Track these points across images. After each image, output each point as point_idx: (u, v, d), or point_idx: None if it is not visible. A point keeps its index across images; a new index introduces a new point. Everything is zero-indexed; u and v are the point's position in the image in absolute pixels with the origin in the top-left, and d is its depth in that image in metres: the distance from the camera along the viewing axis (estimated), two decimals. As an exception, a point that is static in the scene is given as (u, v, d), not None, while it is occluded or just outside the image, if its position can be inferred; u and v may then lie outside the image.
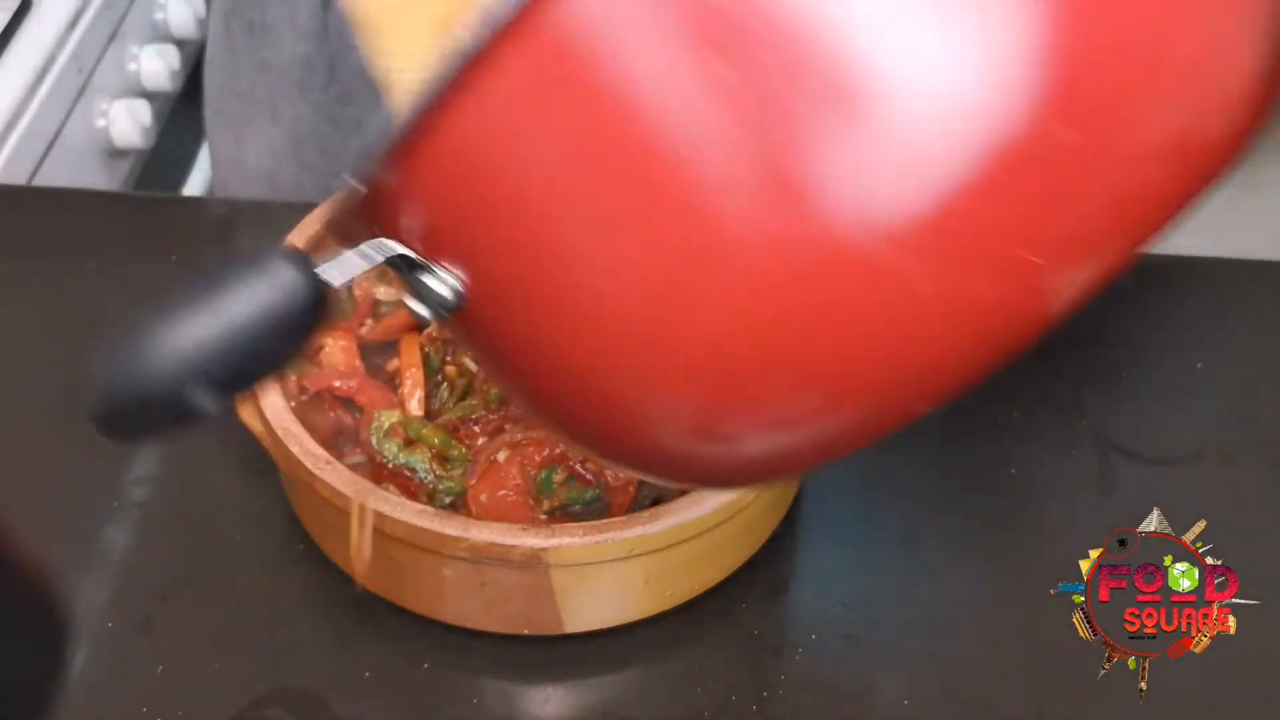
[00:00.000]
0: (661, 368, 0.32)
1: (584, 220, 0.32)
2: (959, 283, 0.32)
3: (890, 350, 0.33)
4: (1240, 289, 0.74)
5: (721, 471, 0.38)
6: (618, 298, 0.32)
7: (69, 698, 0.54)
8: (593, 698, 0.55)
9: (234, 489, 0.62)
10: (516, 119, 0.31)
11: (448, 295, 0.34)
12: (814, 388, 0.34)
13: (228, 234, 0.75)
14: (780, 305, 0.31)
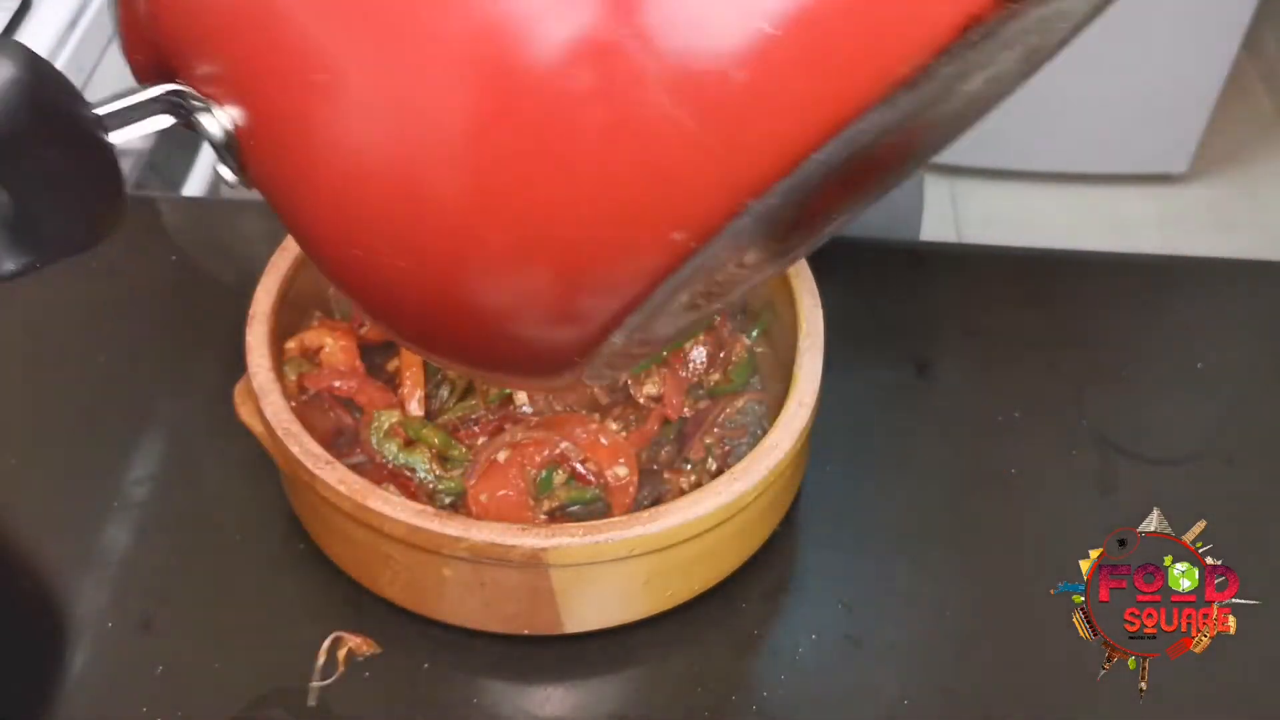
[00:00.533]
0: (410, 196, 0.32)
1: (337, 37, 0.31)
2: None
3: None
4: (1240, 289, 0.74)
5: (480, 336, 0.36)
6: (362, 119, 0.31)
7: (69, 698, 0.54)
8: (593, 698, 0.55)
9: (234, 489, 0.62)
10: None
11: (219, 133, 0.33)
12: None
13: (228, 234, 0.75)
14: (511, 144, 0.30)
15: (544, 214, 0.31)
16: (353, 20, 0.31)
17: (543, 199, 0.31)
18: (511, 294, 0.33)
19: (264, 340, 0.57)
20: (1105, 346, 0.70)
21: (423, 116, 0.30)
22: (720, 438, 0.60)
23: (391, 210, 0.32)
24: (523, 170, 0.30)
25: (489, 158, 0.30)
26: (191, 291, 0.71)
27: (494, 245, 0.32)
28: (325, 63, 0.31)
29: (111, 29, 0.37)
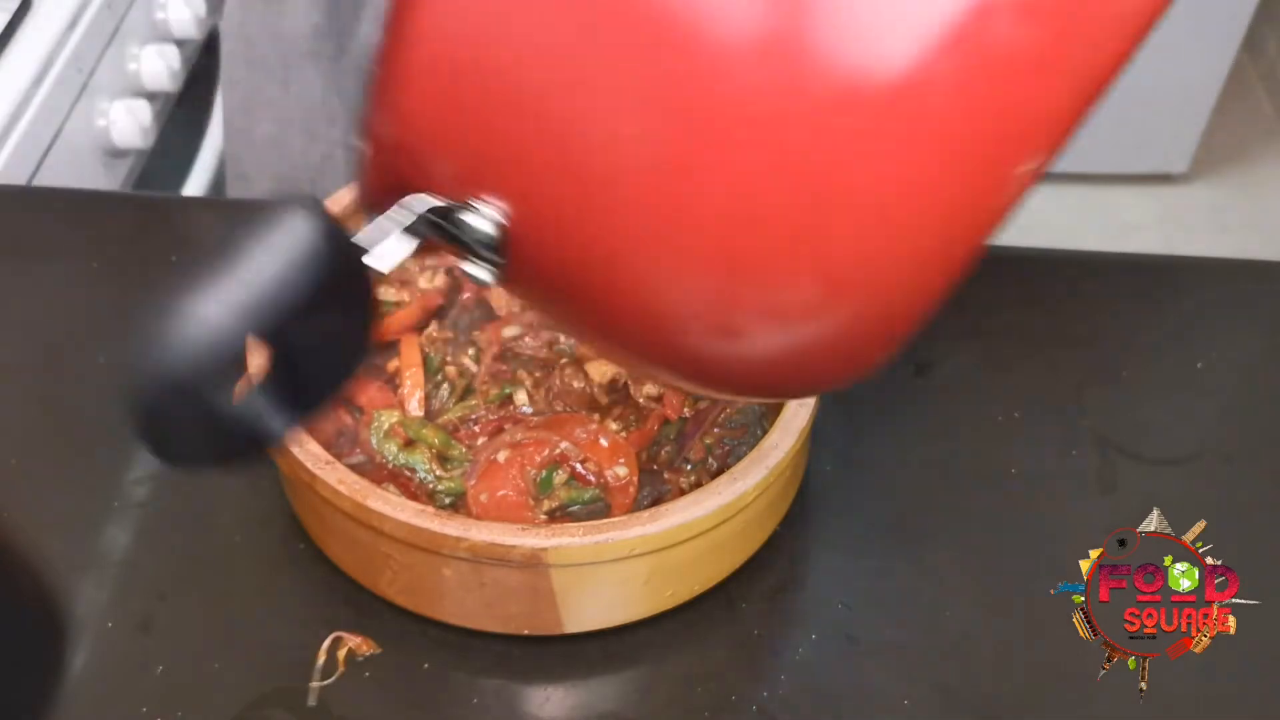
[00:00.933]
0: (689, 243, 0.31)
1: (587, 98, 0.30)
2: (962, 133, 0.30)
3: (896, 215, 0.31)
4: (1240, 289, 0.74)
5: (762, 372, 0.35)
6: (635, 174, 0.30)
7: (69, 698, 0.54)
8: (593, 698, 0.55)
9: (234, 489, 0.62)
10: (492, 8, 0.30)
11: (490, 229, 0.32)
12: (820, 265, 0.31)
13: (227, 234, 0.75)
14: (785, 164, 0.29)
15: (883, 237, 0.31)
16: (635, 91, 0.30)
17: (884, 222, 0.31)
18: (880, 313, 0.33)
19: (264, 340, 0.57)
20: (1105, 346, 0.70)
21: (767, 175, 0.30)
22: (720, 438, 0.60)
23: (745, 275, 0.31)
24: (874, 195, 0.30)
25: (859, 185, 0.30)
26: (191, 291, 0.71)
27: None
28: (624, 142, 0.30)
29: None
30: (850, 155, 0.29)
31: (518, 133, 0.31)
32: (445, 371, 0.61)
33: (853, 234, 0.31)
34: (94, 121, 1.01)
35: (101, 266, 0.72)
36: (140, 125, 1.03)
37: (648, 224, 0.31)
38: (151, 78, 1.08)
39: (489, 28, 0.30)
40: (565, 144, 0.31)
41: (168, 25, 1.11)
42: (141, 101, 1.04)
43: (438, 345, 0.61)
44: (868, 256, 0.31)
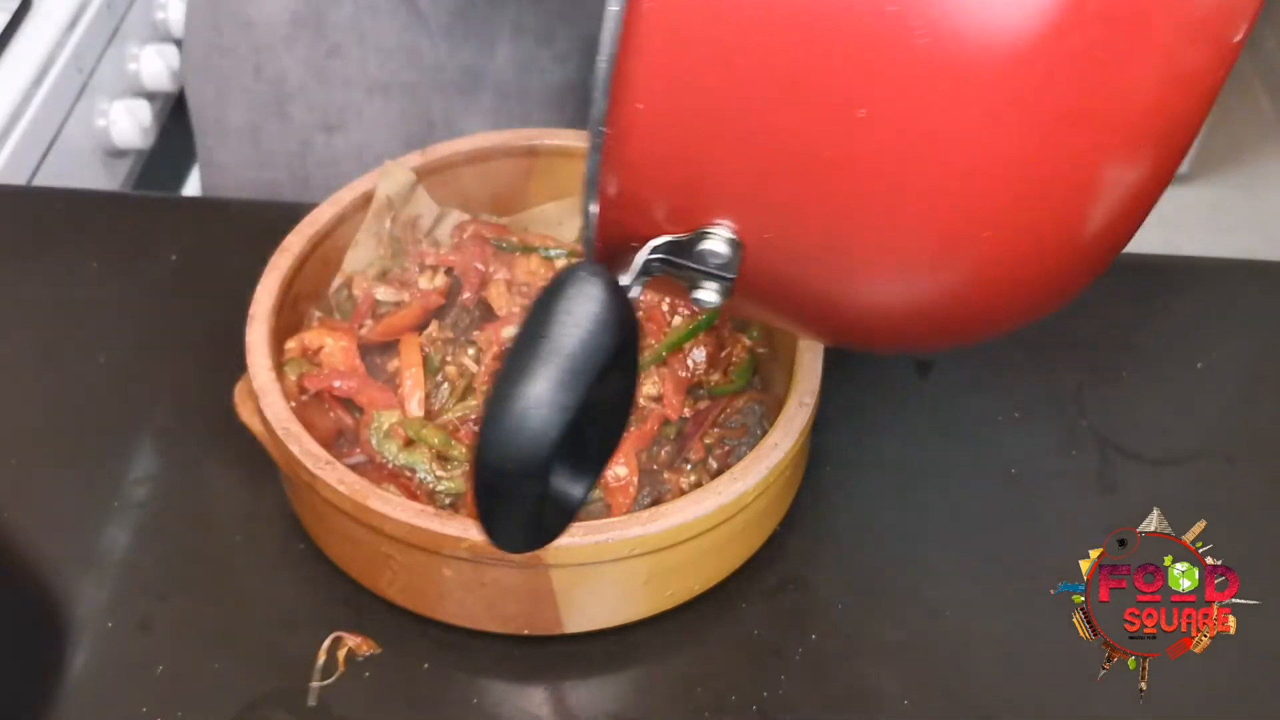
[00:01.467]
0: (907, 216, 0.33)
1: (806, 110, 0.32)
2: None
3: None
4: (1240, 289, 0.74)
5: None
6: (850, 165, 0.33)
7: (69, 698, 0.54)
8: (593, 698, 0.55)
9: (234, 489, 0.62)
10: (711, 46, 0.32)
11: (727, 249, 0.34)
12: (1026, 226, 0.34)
13: (228, 234, 0.75)
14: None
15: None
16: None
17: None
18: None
19: (264, 340, 0.57)
20: (1105, 346, 0.70)
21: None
22: (720, 438, 0.60)
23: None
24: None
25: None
26: (191, 291, 0.71)
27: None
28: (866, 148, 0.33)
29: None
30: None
31: (741, 158, 0.33)
32: (445, 371, 0.61)
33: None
34: (94, 121, 1.01)
35: (101, 266, 0.72)
36: (140, 125, 1.03)
37: (867, 207, 0.33)
38: (151, 78, 1.08)
39: (708, 77, 0.32)
40: (786, 156, 0.33)
41: (168, 25, 1.11)
42: (141, 101, 1.04)
43: (438, 345, 0.61)
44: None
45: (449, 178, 0.66)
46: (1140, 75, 0.33)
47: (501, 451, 0.31)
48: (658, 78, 0.32)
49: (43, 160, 0.94)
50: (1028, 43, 0.31)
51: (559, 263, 0.65)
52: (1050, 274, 0.36)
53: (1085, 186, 0.34)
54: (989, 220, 0.34)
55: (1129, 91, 0.33)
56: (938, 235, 0.34)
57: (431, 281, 0.64)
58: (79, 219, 0.76)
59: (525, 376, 0.31)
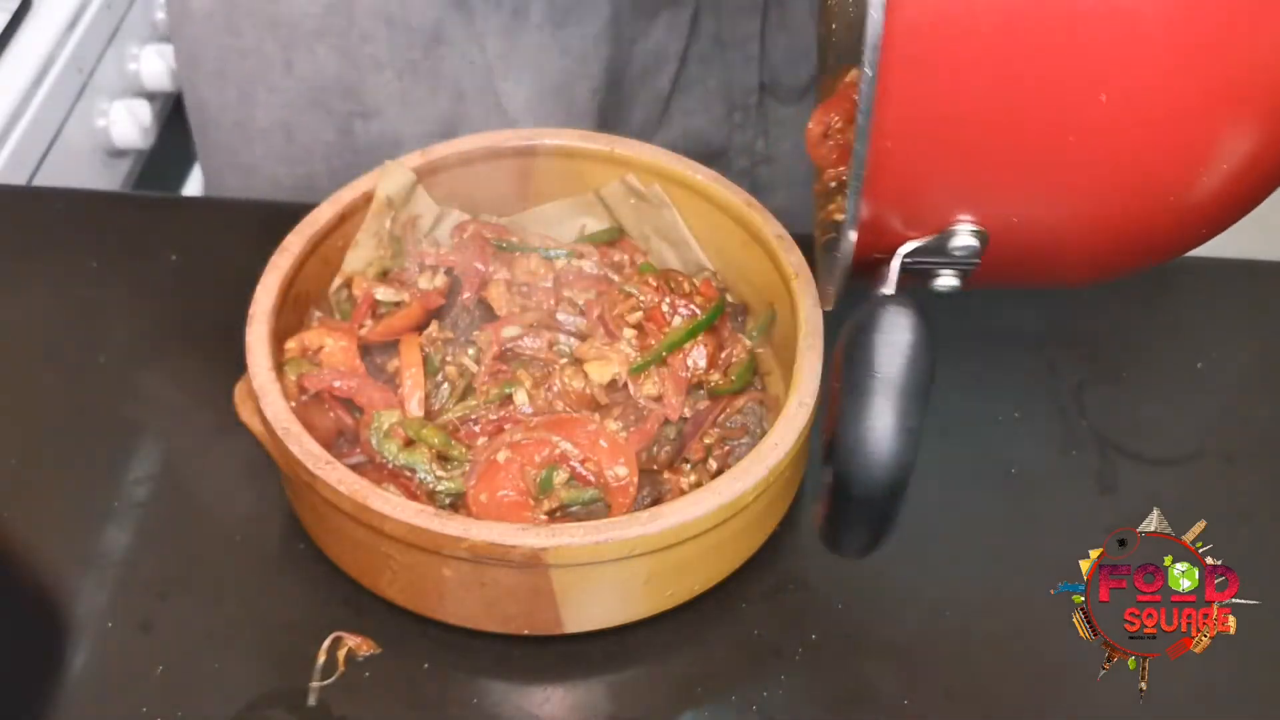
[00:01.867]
0: (1119, 176, 0.38)
1: (1053, 97, 0.36)
2: None
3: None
4: (1240, 289, 0.74)
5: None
6: (1076, 139, 0.37)
7: (69, 698, 0.54)
8: (593, 698, 0.55)
9: (234, 489, 0.62)
10: (956, 72, 0.36)
11: (974, 242, 0.38)
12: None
13: (228, 234, 0.75)
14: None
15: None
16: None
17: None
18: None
19: (264, 340, 0.57)
20: (1105, 346, 0.70)
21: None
22: (720, 438, 0.60)
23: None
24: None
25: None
26: (191, 291, 0.71)
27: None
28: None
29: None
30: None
31: (985, 162, 0.38)
32: (445, 371, 0.61)
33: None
34: (94, 121, 1.01)
35: (101, 266, 0.72)
36: (140, 125, 1.03)
37: (1095, 171, 0.38)
38: (151, 78, 1.08)
39: (950, 103, 0.37)
40: (1026, 150, 0.37)
41: (168, 25, 1.11)
42: (141, 101, 1.04)
43: (438, 345, 0.61)
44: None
45: (449, 178, 0.66)
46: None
47: (868, 483, 0.35)
48: (906, 119, 0.36)
49: (43, 160, 0.94)
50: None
51: (559, 263, 0.65)
52: (1219, 201, 0.40)
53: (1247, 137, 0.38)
54: (1185, 158, 0.38)
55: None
56: (1146, 177, 0.38)
57: (431, 281, 0.64)
58: (79, 219, 0.76)
59: (872, 412, 0.35)
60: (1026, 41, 0.36)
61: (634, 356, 0.60)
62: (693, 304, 0.63)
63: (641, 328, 0.62)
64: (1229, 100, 0.37)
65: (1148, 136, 0.37)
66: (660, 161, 0.65)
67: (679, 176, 0.65)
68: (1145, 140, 0.37)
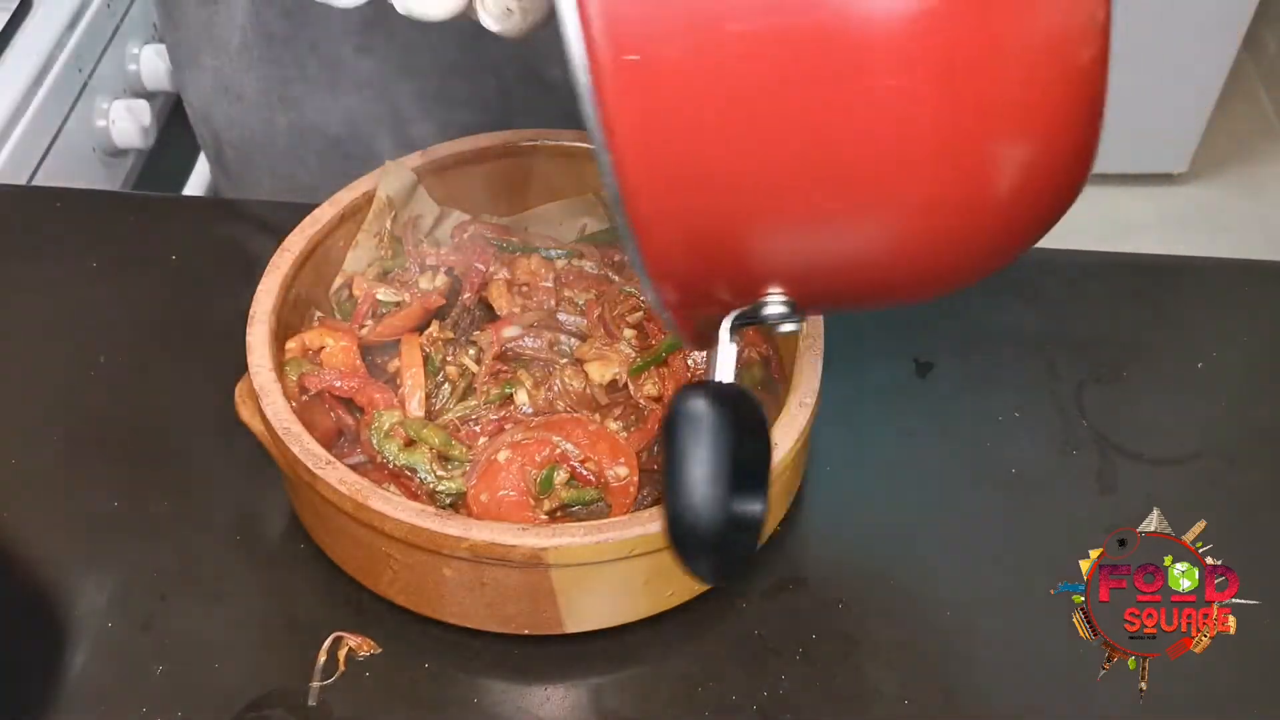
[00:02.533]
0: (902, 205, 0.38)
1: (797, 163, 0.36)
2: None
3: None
4: (1240, 289, 0.74)
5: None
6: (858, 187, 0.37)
7: (69, 698, 0.54)
8: (593, 698, 0.55)
9: (234, 489, 0.62)
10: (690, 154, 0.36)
11: (785, 309, 0.40)
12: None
13: (228, 234, 0.75)
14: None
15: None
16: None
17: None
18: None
19: (264, 340, 0.57)
20: (1105, 346, 0.70)
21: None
22: (720, 438, 0.59)
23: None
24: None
25: None
26: (191, 291, 0.71)
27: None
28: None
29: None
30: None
31: (756, 224, 0.38)
32: (446, 371, 0.61)
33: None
34: (94, 121, 1.01)
35: (101, 266, 0.72)
36: (140, 125, 1.03)
37: (882, 221, 0.38)
38: (151, 78, 1.08)
39: (707, 189, 0.37)
40: (791, 205, 0.37)
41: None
42: (141, 101, 1.05)
43: (438, 345, 0.61)
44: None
45: (449, 178, 0.66)
46: (1011, 57, 0.36)
47: (686, 538, 0.40)
48: (656, 188, 0.37)
49: (43, 160, 0.94)
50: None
51: (559, 263, 0.65)
52: (1013, 216, 0.41)
53: (989, 159, 0.38)
54: (964, 180, 0.38)
55: (1006, 76, 0.36)
56: (930, 208, 0.38)
57: (432, 281, 0.64)
58: (79, 219, 0.76)
59: (684, 489, 0.39)
60: (775, 74, 0.35)
61: (634, 356, 0.60)
62: (693, 304, 0.63)
63: (641, 328, 0.62)
64: (996, 117, 0.37)
65: (924, 167, 0.37)
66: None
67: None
68: (923, 171, 0.37)
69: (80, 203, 0.80)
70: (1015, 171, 0.38)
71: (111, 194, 1.00)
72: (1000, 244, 0.43)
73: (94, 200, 0.86)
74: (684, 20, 0.35)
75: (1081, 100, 0.38)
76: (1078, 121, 0.39)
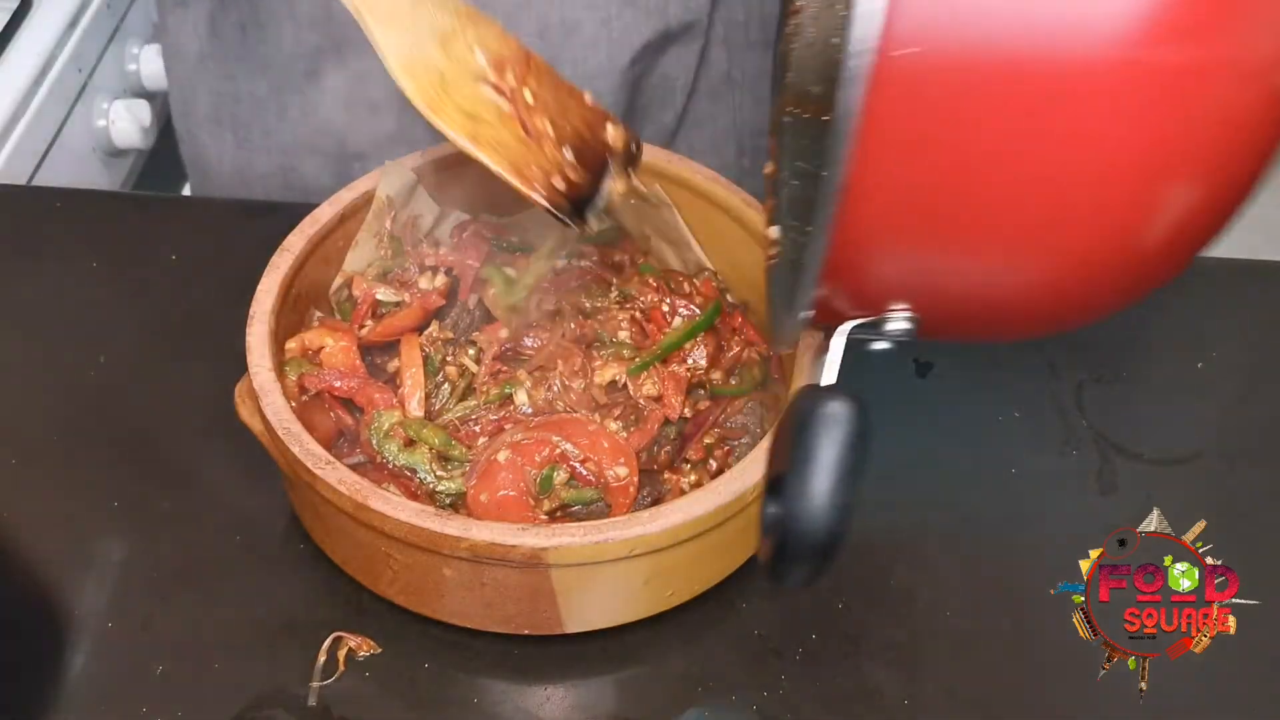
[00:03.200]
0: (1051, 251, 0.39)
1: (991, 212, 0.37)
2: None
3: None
4: (1240, 289, 0.74)
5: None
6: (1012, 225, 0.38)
7: (69, 698, 0.54)
8: (593, 698, 0.55)
9: (234, 489, 0.62)
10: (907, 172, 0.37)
11: (910, 326, 0.41)
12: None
13: (228, 234, 0.75)
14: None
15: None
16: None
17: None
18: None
19: (264, 340, 0.57)
20: (1105, 346, 0.70)
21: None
22: (720, 438, 0.60)
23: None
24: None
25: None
26: (191, 291, 0.71)
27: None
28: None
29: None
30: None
31: (940, 230, 0.38)
32: (445, 372, 0.61)
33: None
34: (94, 121, 1.01)
35: (101, 266, 0.72)
36: (140, 125, 1.03)
37: (1031, 241, 0.39)
38: (151, 78, 1.08)
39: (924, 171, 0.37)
40: (977, 217, 0.38)
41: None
42: (141, 101, 1.04)
43: (438, 345, 0.61)
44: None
45: (449, 178, 0.66)
46: (1200, 112, 0.37)
47: (804, 549, 0.40)
48: (882, 191, 0.37)
49: (43, 160, 0.94)
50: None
51: (559, 263, 0.65)
52: (1133, 268, 0.42)
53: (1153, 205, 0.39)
54: (1130, 216, 0.39)
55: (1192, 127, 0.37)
56: (1090, 238, 0.39)
57: (431, 282, 0.64)
58: (79, 219, 0.76)
59: (812, 491, 0.39)
60: (1001, 95, 0.36)
61: (634, 357, 0.60)
62: (693, 304, 0.63)
63: (641, 328, 0.62)
64: (1173, 157, 0.37)
65: (1096, 195, 0.37)
66: (660, 162, 0.65)
67: (679, 177, 0.65)
68: (1093, 200, 0.37)
69: (80, 203, 0.80)
70: (1184, 216, 0.40)
71: (111, 194, 1.00)
72: (1139, 290, 0.43)
73: (94, 200, 0.86)
74: (966, 24, 0.35)
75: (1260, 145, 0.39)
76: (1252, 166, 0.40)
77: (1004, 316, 0.42)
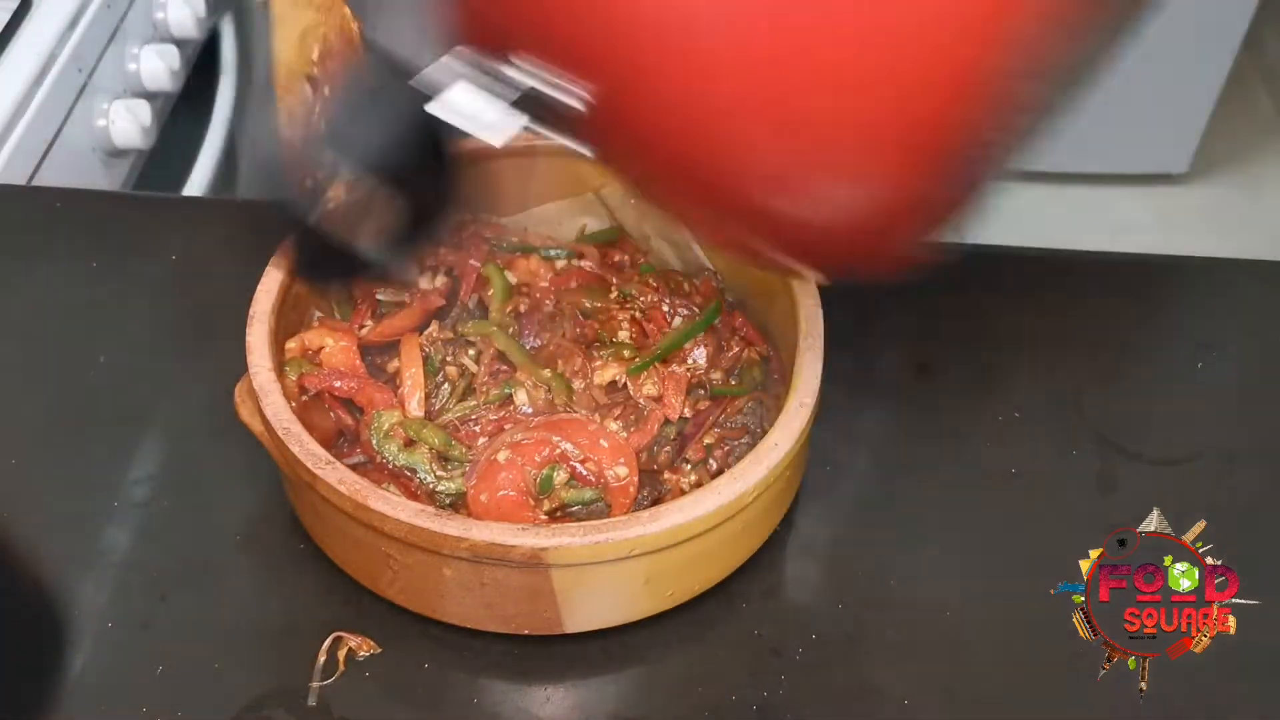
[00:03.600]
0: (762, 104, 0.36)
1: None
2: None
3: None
4: (1240, 289, 0.74)
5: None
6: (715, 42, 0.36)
7: (69, 698, 0.54)
8: (593, 698, 0.55)
9: (234, 489, 0.62)
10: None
11: (577, 104, 0.37)
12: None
13: (228, 234, 0.75)
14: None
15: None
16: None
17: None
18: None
19: (264, 340, 0.57)
20: (1105, 346, 0.70)
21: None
22: (720, 438, 0.60)
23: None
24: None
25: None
26: (191, 291, 0.71)
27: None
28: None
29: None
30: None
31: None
32: (445, 371, 0.61)
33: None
34: (94, 121, 1.01)
35: (101, 266, 0.72)
36: (140, 125, 1.03)
37: (728, 89, 0.36)
38: (151, 78, 1.08)
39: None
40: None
41: (168, 25, 1.11)
42: (141, 101, 1.04)
43: (438, 345, 0.61)
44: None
45: (449, 178, 0.66)
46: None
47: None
48: None
49: (43, 160, 0.94)
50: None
51: (559, 263, 0.65)
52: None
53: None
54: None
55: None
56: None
57: (431, 282, 0.64)
58: (79, 219, 0.76)
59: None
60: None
61: (634, 357, 0.60)
62: (692, 304, 0.63)
63: (641, 328, 0.62)
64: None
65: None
66: (660, 161, 0.65)
67: (679, 176, 0.65)
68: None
69: (80, 203, 0.80)
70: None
71: (111, 194, 1.00)
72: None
73: (94, 200, 0.86)
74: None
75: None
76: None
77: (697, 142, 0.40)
